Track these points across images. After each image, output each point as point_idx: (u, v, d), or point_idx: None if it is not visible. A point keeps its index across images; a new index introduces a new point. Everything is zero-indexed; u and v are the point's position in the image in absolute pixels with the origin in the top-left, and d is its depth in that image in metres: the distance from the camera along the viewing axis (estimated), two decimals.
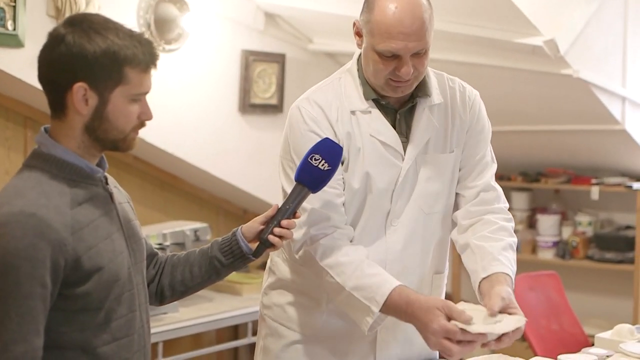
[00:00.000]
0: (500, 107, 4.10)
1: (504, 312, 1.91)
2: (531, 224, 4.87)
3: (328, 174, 1.95)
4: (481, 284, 2.05)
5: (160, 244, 3.54)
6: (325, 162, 1.94)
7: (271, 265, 2.32)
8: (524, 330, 1.93)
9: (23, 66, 3.20)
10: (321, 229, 2.06)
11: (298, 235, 2.07)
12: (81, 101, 1.66)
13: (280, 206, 1.96)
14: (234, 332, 4.30)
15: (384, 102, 2.14)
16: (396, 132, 2.13)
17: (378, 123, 2.12)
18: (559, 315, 3.87)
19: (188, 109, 3.91)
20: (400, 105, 2.15)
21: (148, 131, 1.88)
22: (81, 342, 1.68)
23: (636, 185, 4.40)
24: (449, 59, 3.86)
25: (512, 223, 2.21)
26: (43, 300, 1.59)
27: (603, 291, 4.74)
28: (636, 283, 4.35)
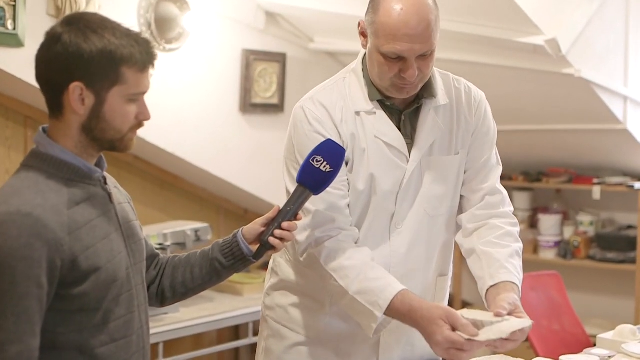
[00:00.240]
0: (501, 107, 4.06)
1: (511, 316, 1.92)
2: (532, 224, 4.85)
3: (330, 176, 1.93)
4: (488, 292, 2.04)
5: (160, 244, 3.54)
6: (327, 164, 1.92)
7: (274, 266, 2.30)
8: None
9: (23, 66, 3.19)
10: (326, 231, 2.05)
11: (303, 237, 2.06)
12: (78, 101, 1.65)
13: (281, 208, 1.94)
14: (235, 333, 4.30)
15: (389, 103, 2.12)
16: (401, 134, 2.11)
17: (383, 124, 2.10)
18: (561, 315, 3.85)
19: (189, 109, 3.90)
20: (405, 106, 2.14)
21: (148, 131, 1.87)
22: (78, 343, 1.67)
23: (638, 185, 4.39)
24: (450, 58, 3.84)
25: (518, 228, 2.19)
26: (39, 300, 1.59)
27: (605, 291, 4.72)
28: (638, 283, 4.33)
